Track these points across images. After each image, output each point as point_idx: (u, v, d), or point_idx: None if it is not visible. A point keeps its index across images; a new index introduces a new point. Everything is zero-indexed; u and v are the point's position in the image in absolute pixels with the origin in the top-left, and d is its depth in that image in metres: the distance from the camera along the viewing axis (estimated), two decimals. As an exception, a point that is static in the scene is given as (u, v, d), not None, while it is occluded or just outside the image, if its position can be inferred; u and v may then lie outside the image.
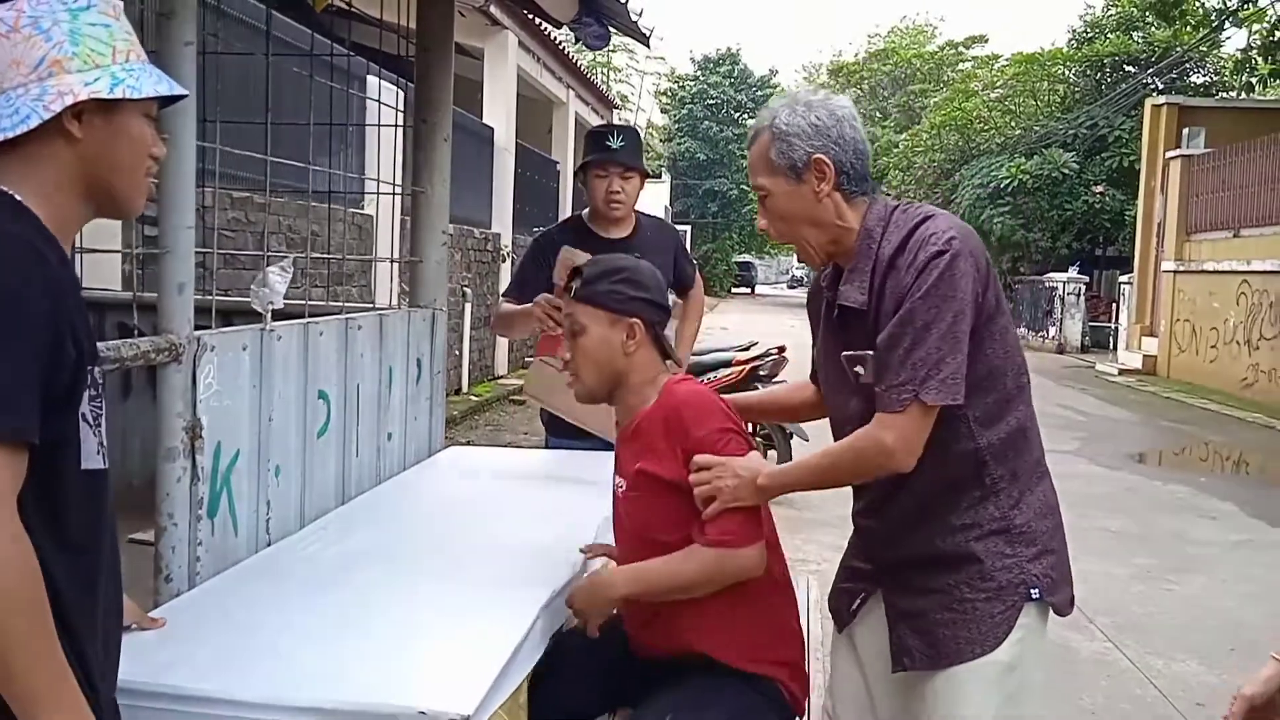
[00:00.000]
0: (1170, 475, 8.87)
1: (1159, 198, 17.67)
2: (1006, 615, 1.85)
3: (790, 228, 1.93)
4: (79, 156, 1.38)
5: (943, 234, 1.79)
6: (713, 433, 2.03)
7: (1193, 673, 4.27)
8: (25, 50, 1.34)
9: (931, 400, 1.76)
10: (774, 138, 1.89)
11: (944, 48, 37.24)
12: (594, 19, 3.64)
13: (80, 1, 1.38)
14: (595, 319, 2.10)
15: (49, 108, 1.33)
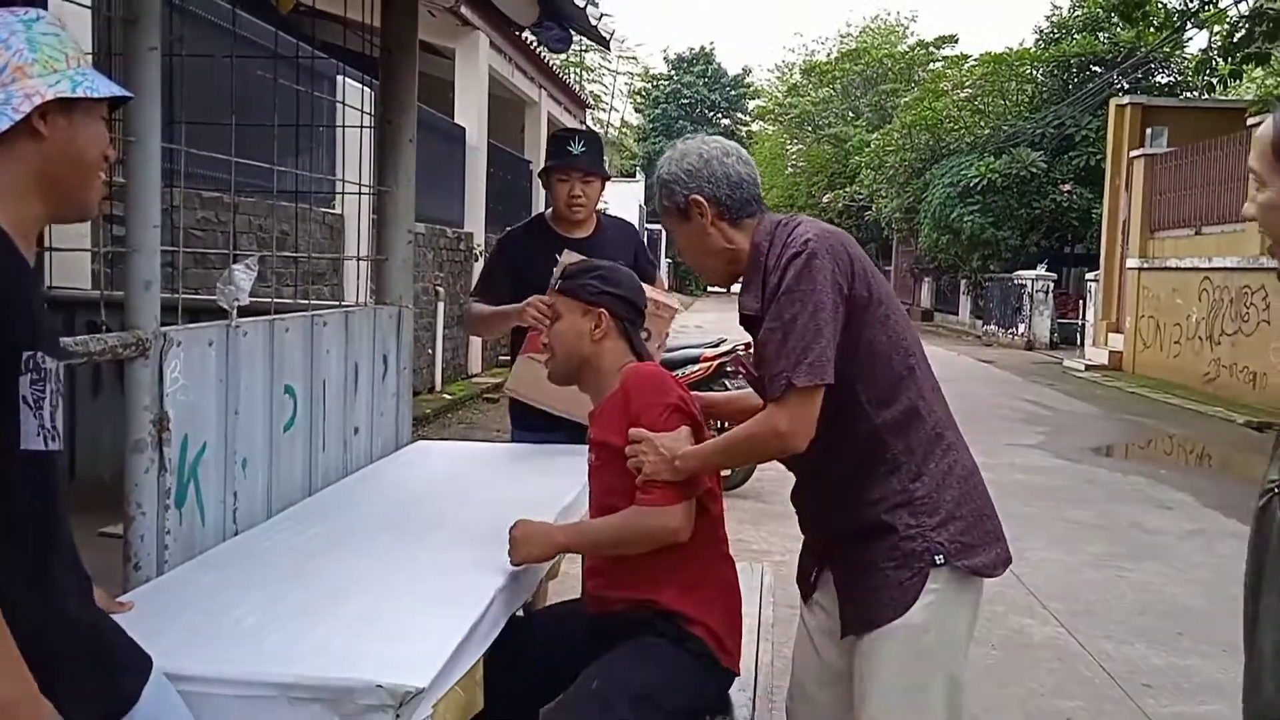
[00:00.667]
0: (1130, 467, 9.06)
1: (1123, 196, 17.94)
2: (914, 580, 2.02)
3: (695, 259, 2.22)
4: (43, 155, 1.47)
5: (800, 237, 2.00)
6: (651, 406, 2.24)
7: (1141, 655, 4.41)
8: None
9: (801, 383, 1.94)
10: (662, 185, 2.17)
11: (914, 48, 37.49)
12: (554, 23, 3.73)
13: (30, 14, 1.48)
14: (569, 308, 2.40)
15: (18, 109, 1.43)
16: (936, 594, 2.02)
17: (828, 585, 2.22)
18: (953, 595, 2.04)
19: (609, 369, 2.39)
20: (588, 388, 2.46)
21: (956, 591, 2.05)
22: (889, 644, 2.03)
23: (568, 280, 2.44)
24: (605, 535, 2.32)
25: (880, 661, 2.05)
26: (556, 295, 2.44)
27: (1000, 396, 13.21)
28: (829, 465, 2.08)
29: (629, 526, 2.23)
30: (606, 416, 2.35)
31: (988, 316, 24.31)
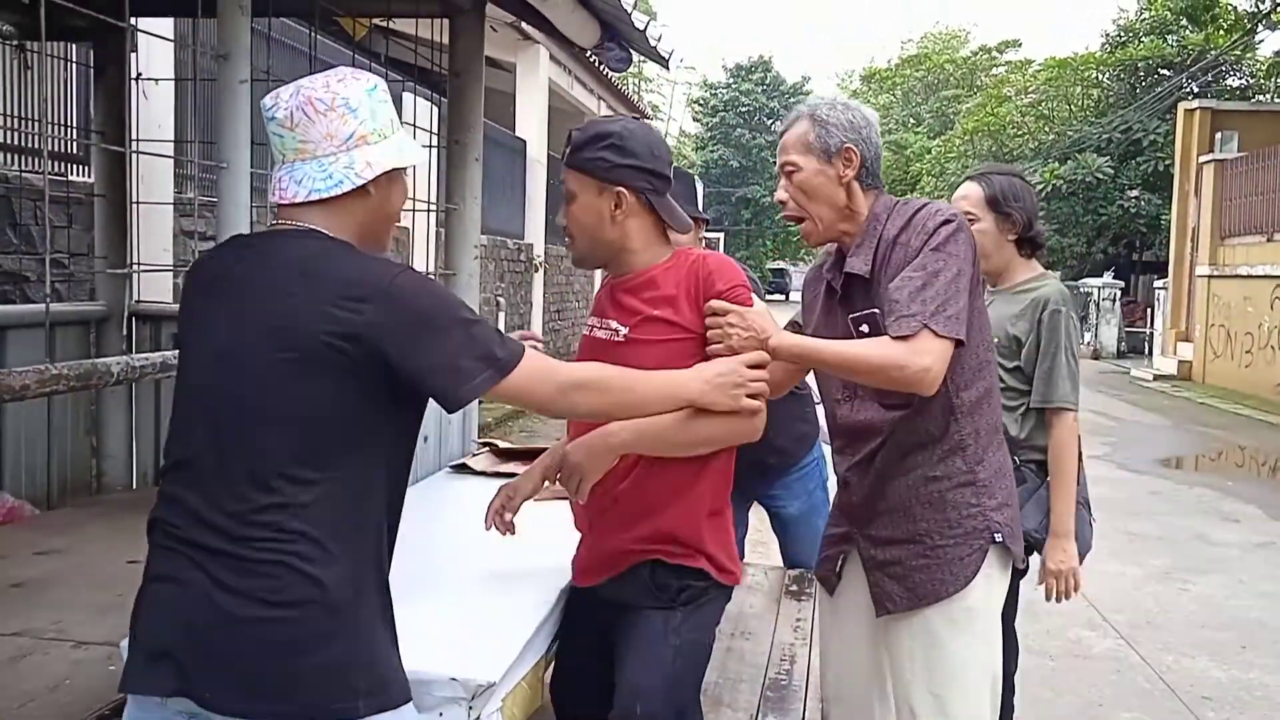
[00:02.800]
0: (1197, 479, 8.91)
1: (1193, 202, 17.59)
2: (973, 557, 2.08)
3: (809, 201, 2.14)
4: (366, 209, 1.67)
5: (947, 210, 2.07)
6: (736, 287, 2.07)
7: (1202, 668, 4.38)
8: (338, 125, 1.62)
9: (940, 329, 1.92)
10: (814, 123, 2.13)
11: (977, 53, 37.12)
12: (615, 44, 3.84)
13: (369, 83, 1.68)
14: (583, 186, 2.08)
15: (360, 175, 1.63)
16: (991, 574, 2.10)
17: (854, 572, 2.23)
18: (998, 580, 2.12)
19: (640, 248, 2.12)
20: (615, 265, 2.17)
21: (1001, 575, 2.13)
22: (947, 626, 2.08)
23: (575, 153, 2.08)
24: (675, 433, 1.98)
25: (937, 642, 2.09)
26: (567, 170, 2.10)
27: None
28: (900, 436, 2.11)
29: (710, 432, 1.99)
30: (661, 292, 2.09)
31: (1053, 325, 23.92)
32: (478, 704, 1.89)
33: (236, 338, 1.55)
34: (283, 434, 1.53)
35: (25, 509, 3.66)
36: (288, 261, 1.57)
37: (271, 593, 1.51)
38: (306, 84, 1.64)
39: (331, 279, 1.53)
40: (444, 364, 1.55)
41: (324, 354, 1.51)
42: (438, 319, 1.56)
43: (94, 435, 4.17)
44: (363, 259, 1.59)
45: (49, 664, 2.39)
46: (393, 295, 1.53)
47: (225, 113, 2.42)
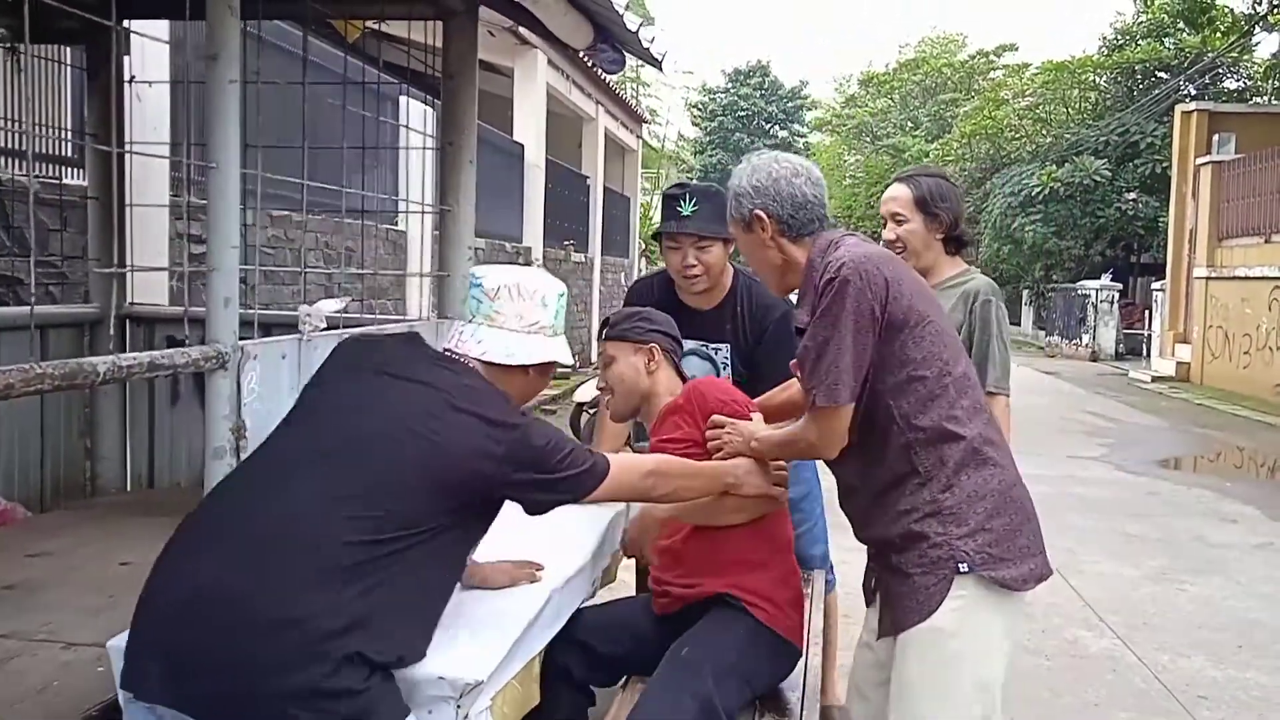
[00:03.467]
0: (1195, 480, 8.91)
1: (1190, 204, 17.62)
2: (939, 586, 2.07)
3: (752, 264, 2.37)
4: (522, 384, 2.06)
5: (835, 263, 2.09)
6: (725, 403, 2.52)
7: (1198, 668, 4.37)
8: (530, 311, 2.05)
9: (821, 403, 2.09)
10: (732, 196, 2.29)
11: (974, 56, 37.15)
12: (608, 45, 3.84)
13: (561, 289, 2.12)
14: (621, 350, 2.66)
15: (532, 356, 2.04)
16: (963, 601, 2.06)
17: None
18: (981, 603, 2.07)
19: (663, 394, 2.63)
20: (646, 413, 2.68)
21: (985, 600, 2.08)
22: (916, 647, 2.10)
23: (614, 328, 2.68)
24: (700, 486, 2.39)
25: (908, 664, 2.12)
26: (607, 342, 2.68)
27: (1062, 409, 13.05)
28: (867, 476, 2.18)
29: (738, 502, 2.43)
30: (666, 420, 2.57)
31: (1051, 327, 23.97)
32: (466, 702, 1.88)
33: (368, 414, 1.85)
34: (382, 497, 1.77)
35: (18, 511, 3.65)
36: (446, 382, 1.89)
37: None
38: (520, 272, 2.06)
39: (481, 410, 1.86)
40: (547, 485, 1.95)
41: (453, 466, 1.82)
42: (552, 455, 1.93)
43: (88, 437, 4.16)
44: (506, 402, 1.93)
45: (38, 666, 2.39)
46: (524, 433, 1.88)
47: (214, 113, 2.42)
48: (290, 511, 1.74)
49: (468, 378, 1.93)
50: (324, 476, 1.77)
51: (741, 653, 2.33)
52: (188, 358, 2.34)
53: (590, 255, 16.55)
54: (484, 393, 1.91)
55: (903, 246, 2.91)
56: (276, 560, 1.68)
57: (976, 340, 2.82)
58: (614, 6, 3.48)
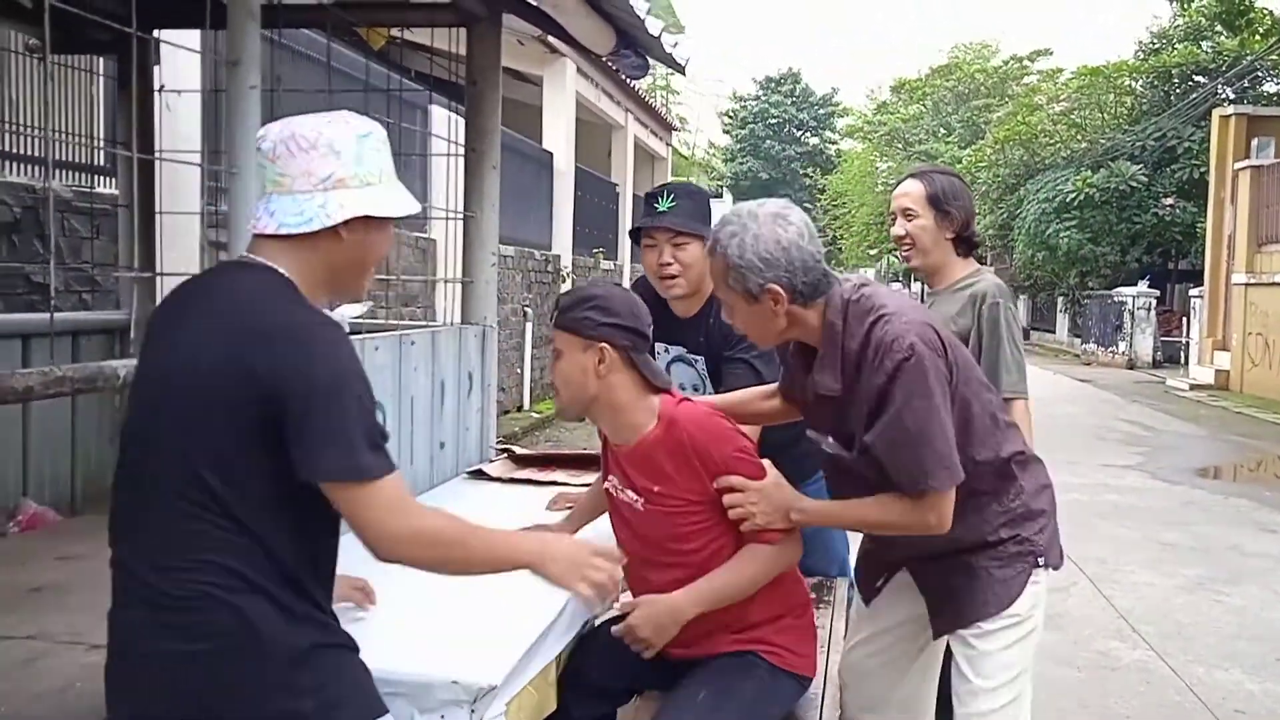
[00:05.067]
0: (1233, 489, 8.75)
1: (1229, 209, 17.35)
2: (1019, 578, 2.21)
3: (751, 333, 2.21)
4: (338, 252, 1.65)
5: (903, 339, 1.99)
6: (734, 457, 2.19)
7: (1234, 681, 4.28)
8: (318, 164, 1.62)
9: (943, 488, 2.04)
10: (728, 267, 2.07)
11: (1008, 62, 36.85)
12: (631, 50, 3.84)
13: (364, 129, 1.67)
14: (569, 344, 2.21)
15: (331, 216, 1.61)
16: (1037, 587, 2.24)
17: (895, 591, 2.40)
18: (1042, 589, 2.27)
19: (625, 403, 2.23)
20: (606, 423, 2.30)
21: (1044, 584, 2.27)
22: (997, 636, 2.22)
23: (563, 314, 2.23)
24: (744, 583, 2.23)
25: (992, 650, 2.23)
26: (555, 331, 2.25)
27: (1097, 417, 12.87)
28: None
29: (767, 567, 2.22)
30: (656, 467, 2.22)
31: (1087, 335, 23.66)
32: (480, 707, 1.87)
33: (167, 367, 1.58)
34: (200, 465, 1.53)
35: (49, 515, 3.70)
36: (225, 294, 1.60)
37: (188, 628, 1.53)
38: (298, 120, 1.65)
39: (255, 321, 1.54)
40: (318, 437, 1.51)
41: (231, 391, 1.51)
42: (335, 389, 1.53)
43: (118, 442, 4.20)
44: (293, 307, 1.58)
45: (61, 667, 2.41)
46: (301, 349, 1.53)
47: (235, 119, 2.44)
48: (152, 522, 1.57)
49: (245, 278, 1.61)
50: (153, 477, 1.56)
51: (758, 697, 2.25)
52: (209, 362, 2.36)
53: (619, 262, 16.58)
54: (267, 297, 1.58)
55: (911, 243, 2.85)
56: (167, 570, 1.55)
57: (986, 345, 2.74)
58: (635, 12, 3.48)
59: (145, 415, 1.60)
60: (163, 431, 1.55)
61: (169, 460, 1.54)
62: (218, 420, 1.52)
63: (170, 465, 1.54)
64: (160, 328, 1.67)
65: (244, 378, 1.51)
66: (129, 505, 1.60)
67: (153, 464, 1.56)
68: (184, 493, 1.53)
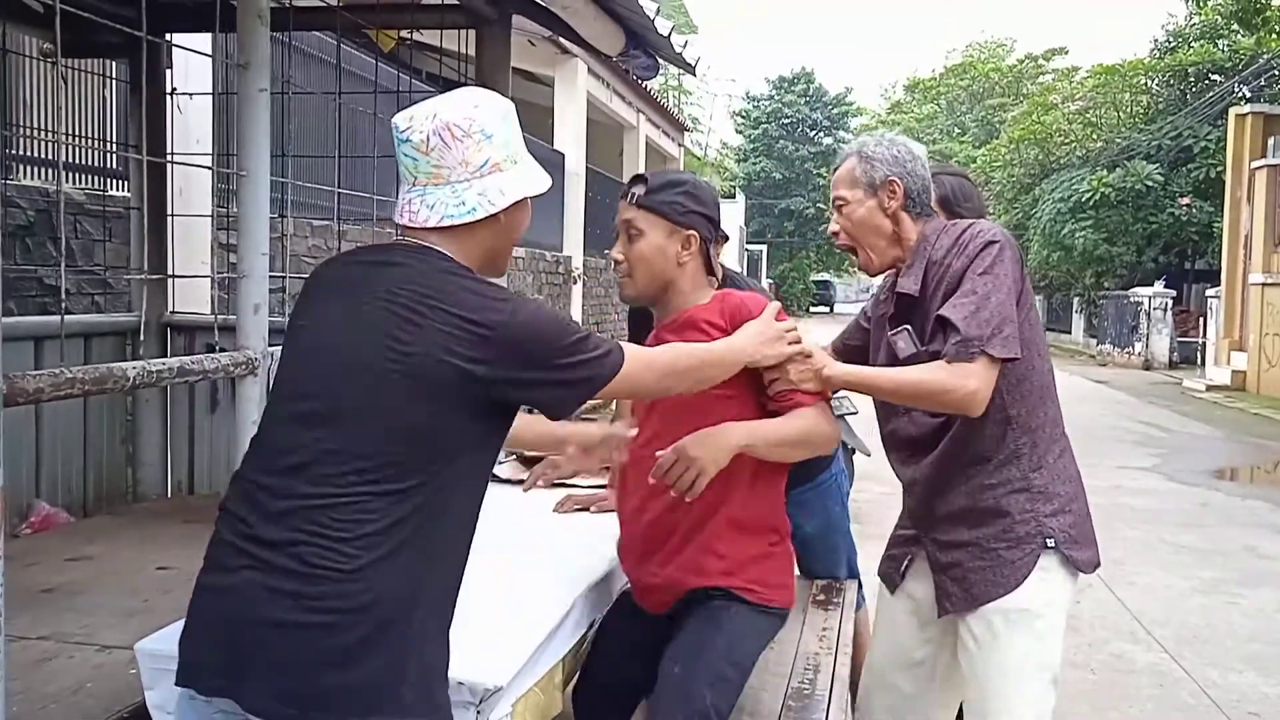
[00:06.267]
0: (1249, 491, 8.68)
1: (1245, 209, 17.23)
2: (1025, 560, 2.15)
3: (859, 233, 2.28)
4: (496, 234, 1.68)
5: (990, 230, 2.16)
6: (776, 316, 2.17)
7: (1250, 683, 4.25)
8: (474, 152, 1.63)
9: (997, 353, 2.04)
10: (860, 159, 2.27)
11: (1023, 61, 36.71)
12: (641, 51, 3.84)
13: (504, 108, 1.69)
14: (654, 226, 2.21)
15: (494, 203, 1.64)
16: (1046, 576, 2.15)
17: (919, 573, 2.36)
18: (1058, 582, 2.18)
19: (687, 290, 2.26)
20: (663, 306, 2.31)
21: (1062, 578, 2.18)
22: (1004, 625, 2.17)
23: (651, 195, 2.22)
24: (788, 434, 2.15)
25: (994, 642, 2.18)
26: (637, 210, 2.22)
27: (1113, 418, 12.80)
28: (957, 449, 2.20)
29: (810, 423, 2.15)
30: (702, 330, 2.21)
31: (1102, 335, 23.54)
32: (486, 708, 1.87)
33: (350, 342, 1.56)
34: (377, 440, 1.52)
35: (60, 516, 3.72)
36: (412, 278, 1.57)
37: (318, 599, 1.49)
38: (444, 108, 1.63)
39: (456, 308, 1.54)
40: (558, 383, 1.62)
41: (440, 375, 1.52)
42: (554, 346, 1.60)
43: (130, 444, 4.23)
44: (484, 289, 1.59)
45: (73, 667, 2.42)
46: (513, 328, 1.56)
47: (245, 121, 2.45)
48: (305, 491, 1.53)
49: (430, 264, 1.60)
50: (318, 441, 1.54)
51: (735, 647, 2.19)
52: (218, 363, 2.38)
53: (632, 264, 16.56)
54: (455, 281, 1.58)
55: None
56: (312, 547, 1.51)
57: None
58: (645, 12, 3.48)
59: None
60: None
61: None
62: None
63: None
64: (331, 300, 1.64)
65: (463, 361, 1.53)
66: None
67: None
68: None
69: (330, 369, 1.57)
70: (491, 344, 1.54)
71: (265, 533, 1.53)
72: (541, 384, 1.61)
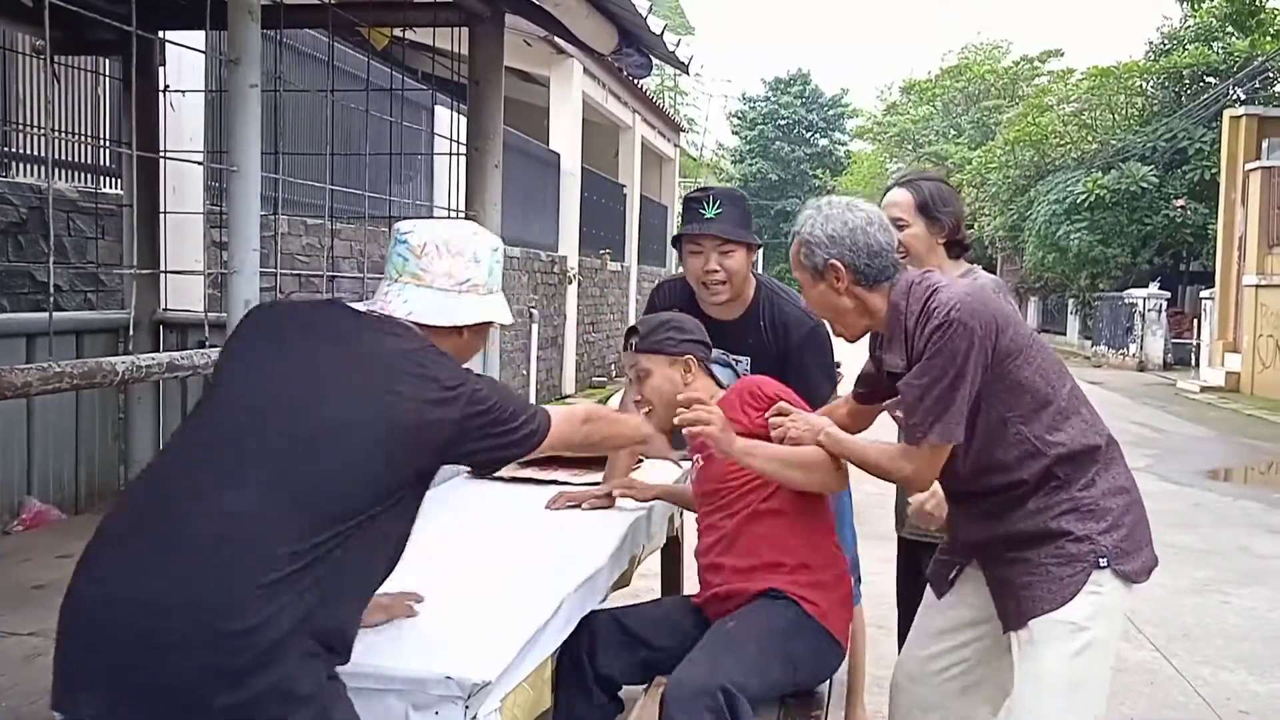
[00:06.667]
0: (1242, 492, 8.71)
1: (1240, 210, 17.27)
2: (1075, 578, 2.14)
3: (825, 313, 2.37)
4: (452, 346, 1.87)
5: (944, 307, 2.13)
6: (780, 391, 2.52)
7: (1240, 681, 4.26)
8: (460, 269, 1.85)
9: (935, 441, 2.13)
10: (801, 243, 2.28)
11: (1018, 62, 36.74)
12: (634, 49, 3.84)
13: (495, 244, 1.93)
14: (656, 363, 2.59)
15: (463, 317, 1.85)
16: (1099, 594, 2.14)
17: (970, 580, 2.37)
18: (1112, 598, 2.17)
19: (704, 399, 2.56)
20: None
21: (1115, 594, 2.17)
22: (1046, 638, 2.15)
23: (646, 339, 2.62)
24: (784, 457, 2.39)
25: (1036, 654, 2.17)
26: (639, 355, 2.62)
27: (1107, 419, 12.50)
28: (996, 494, 2.22)
29: (808, 455, 2.37)
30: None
31: (1097, 337, 23.58)
32: (474, 703, 1.87)
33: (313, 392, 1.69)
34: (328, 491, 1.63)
35: (52, 513, 3.72)
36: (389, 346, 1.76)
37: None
38: (447, 226, 1.88)
39: (429, 376, 1.73)
40: (498, 451, 1.86)
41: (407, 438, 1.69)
42: (502, 417, 1.81)
43: (122, 441, 4.23)
44: (452, 362, 1.80)
45: (61, 663, 2.42)
46: (472, 399, 1.76)
47: (235, 117, 2.45)
48: (234, 511, 1.57)
49: (409, 340, 1.79)
50: (269, 467, 1.61)
51: (787, 635, 2.35)
52: (208, 359, 2.38)
53: (627, 264, 16.58)
54: (431, 354, 1.78)
55: (905, 252, 2.85)
56: (222, 565, 1.53)
57: None
58: (637, 10, 3.48)
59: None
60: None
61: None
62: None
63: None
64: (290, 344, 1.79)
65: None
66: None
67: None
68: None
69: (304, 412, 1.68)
70: (459, 407, 1.74)
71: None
72: (489, 446, 1.84)
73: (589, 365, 14.11)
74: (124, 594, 1.52)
